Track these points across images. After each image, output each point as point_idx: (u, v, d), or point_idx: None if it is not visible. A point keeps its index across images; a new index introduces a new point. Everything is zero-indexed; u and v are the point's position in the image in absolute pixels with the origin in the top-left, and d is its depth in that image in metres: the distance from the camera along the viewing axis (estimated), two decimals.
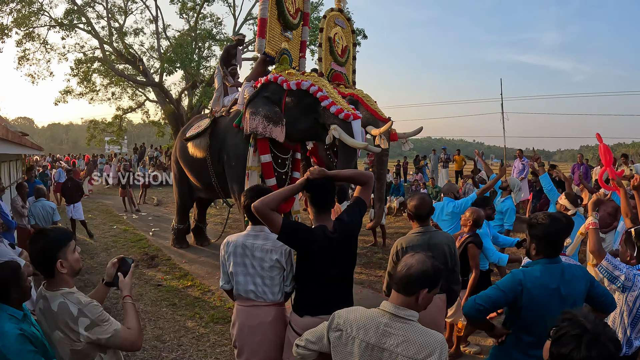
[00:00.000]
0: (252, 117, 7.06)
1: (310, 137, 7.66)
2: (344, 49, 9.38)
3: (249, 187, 3.73)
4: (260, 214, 2.88)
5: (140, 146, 28.82)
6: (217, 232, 11.57)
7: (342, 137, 6.57)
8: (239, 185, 7.76)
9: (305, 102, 6.99)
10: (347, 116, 6.63)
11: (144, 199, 17.93)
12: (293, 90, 7.08)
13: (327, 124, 6.77)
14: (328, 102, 6.76)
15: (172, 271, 8.32)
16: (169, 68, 23.13)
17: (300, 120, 7.09)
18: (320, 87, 6.96)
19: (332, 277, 3.00)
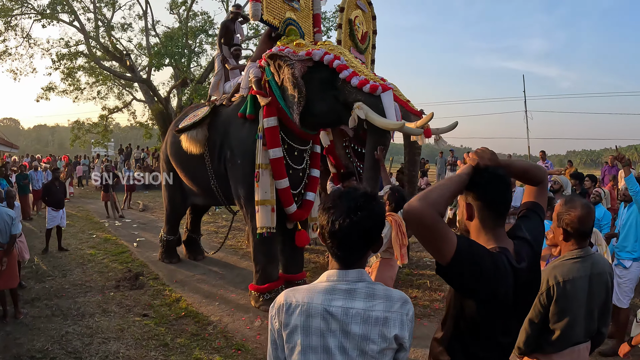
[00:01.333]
0: None
1: (331, 122, 6.23)
2: (364, 35, 7.99)
3: (390, 190, 3.62)
4: (424, 224, 1.67)
5: (126, 147, 27.26)
6: (212, 243, 10.10)
7: (369, 117, 5.25)
8: (246, 188, 6.31)
9: (320, 76, 5.68)
10: (374, 88, 5.31)
11: (128, 204, 16.27)
12: None
13: (349, 101, 5.46)
14: (348, 73, 5.44)
15: (161, 294, 6.82)
16: (157, 63, 21.63)
17: (317, 100, 5.75)
18: (336, 55, 5.60)
19: (508, 335, 1.95)
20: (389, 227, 4.57)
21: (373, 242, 1.70)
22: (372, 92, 5.31)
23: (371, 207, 1.66)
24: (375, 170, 5.61)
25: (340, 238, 1.66)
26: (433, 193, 1.72)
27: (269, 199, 6.01)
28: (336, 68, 5.51)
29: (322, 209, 1.73)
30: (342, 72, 5.47)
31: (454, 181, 1.85)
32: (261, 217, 5.99)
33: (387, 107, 5.31)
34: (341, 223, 1.63)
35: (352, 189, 1.74)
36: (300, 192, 6.56)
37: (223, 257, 8.99)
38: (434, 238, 1.70)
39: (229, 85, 7.58)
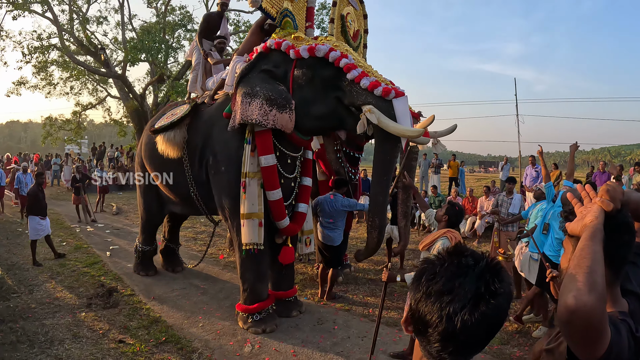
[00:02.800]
0: (247, 101, 5.15)
1: (330, 126, 5.63)
2: (356, 34, 7.45)
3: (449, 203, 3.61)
4: (591, 324, 1.25)
5: (99, 146, 26.28)
6: (191, 252, 9.51)
7: (382, 123, 4.68)
8: (231, 199, 5.73)
9: (323, 74, 5.11)
10: (387, 91, 4.75)
11: (101, 207, 15.50)
12: (304, 59, 5.17)
13: (356, 104, 4.91)
14: (357, 73, 4.86)
15: (138, 314, 6.22)
16: (133, 58, 20.82)
17: (317, 101, 5.22)
18: (344, 53, 5.04)
19: None
20: (449, 244, 4.19)
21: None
22: (384, 95, 4.75)
23: (503, 285, 1.13)
24: (385, 184, 5.08)
25: (461, 341, 1.12)
26: (597, 277, 1.25)
27: (257, 212, 5.46)
28: (343, 67, 4.93)
29: (420, 290, 1.17)
30: (350, 71, 4.88)
31: (596, 247, 1.36)
32: (247, 232, 5.44)
33: (401, 113, 4.77)
34: (466, 318, 1.09)
35: (464, 251, 1.20)
36: (292, 204, 6.02)
37: (203, 268, 8.41)
38: (593, 338, 1.29)
39: (211, 81, 6.95)
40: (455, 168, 18.29)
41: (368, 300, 6.83)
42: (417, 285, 1.19)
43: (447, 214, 4.47)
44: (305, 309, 6.37)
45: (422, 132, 4.73)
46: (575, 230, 1.51)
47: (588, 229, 1.41)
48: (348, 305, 6.60)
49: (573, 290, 1.23)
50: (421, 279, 1.19)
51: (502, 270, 1.16)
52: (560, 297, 1.27)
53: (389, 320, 5.99)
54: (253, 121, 5.12)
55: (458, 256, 1.18)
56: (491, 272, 1.14)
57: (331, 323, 5.96)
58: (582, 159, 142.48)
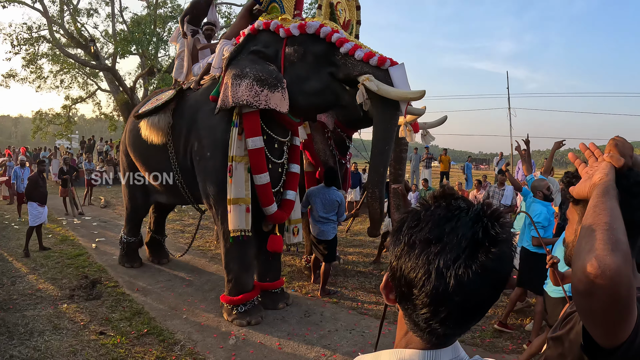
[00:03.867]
0: (237, 83, 5.00)
1: (326, 103, 5.43)
2: (347, 24, 7.27)
3: None
4: (618, 294, 0.97)
5: (89, 139, 25.91)
6: (178, 244, 9.36)
7: (381, 90, 4.59)
8: (216, 185, 5.56)
9: (315, 50, 5.05)
10: (383, 60, 4.71)
11: (89, 200, 15.29)
12: (295, 36, 5.10)
13: (352, 75, 4.82)
14: (350, 46, 4.82)
15: (120, 306, 6.07)
16: (123, 50, 20.57)
17: (310, 78, 5.12)
18: (334, 29, 5.00)
19: None
20: None
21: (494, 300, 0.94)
22: (380, 65, 4.69)
23: (505, 231, 0.89)
24: (386, 155, 4.96)
25: (456, 303, 0.87)
26: (619, 234, 1.01)
27: (244, 197, 5.30)
28: (336, 41, 4.89)
29: (401, 241, 0.94)
30: (343, 45, 4.85)
31: (612, 203, 1.13)
32: (234, 218, 5.28)
33: (399, 79, 4.69)
34: (460, 272, 0.84)
35: (454, 193, 0.97)
36: (280, 191, 5.86)
37: (190, 260, 8.26)
38: (620, 313, 1.01)
39: (197, 66, 6.77)
40: (447, 163, 18.25)
41: (357, 293, 6.69)
42: (397, 238, 0.95)
43: None
44: (292, 301, 6.24)
45: (423, 92, 4.66)
46: (582, 192, 1.28)
47: (599, 187, 1.18)
48: (336, 297, 6.47)
49: (592, 251, 0.99)
50: (402, 229, 0.95)
51: (502, 214, 0.92)
52: (575, 264, 1.04)
53: (387, 315, 5.86)
54: (244, 102, 4.98)
55: (446, 198, 0.96)
56: (489, 215, 0.90)
57: (319, 315, 5.83)
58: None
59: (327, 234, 6.44)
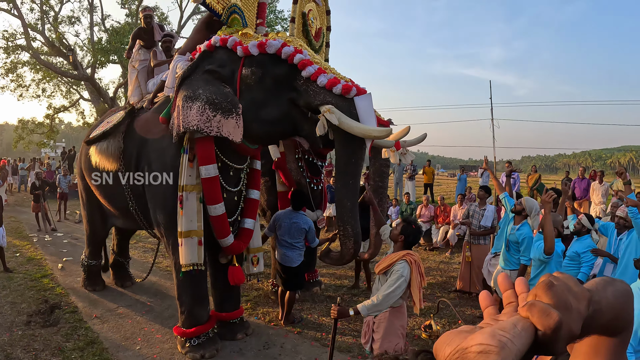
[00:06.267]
0: (187, 106, 4.61)
1: (283, 132, 5.11)
2: (318, 32, 7.00)
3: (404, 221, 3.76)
4: None
5: (69, 150, 25.48)
6: (147, 265, 9.09)
7: (343, 124, 4.25)
8: (166, 214, 5.29)
9: (275, 73, 4.63)
10: (348, 89, 4.33)
11: (64, 215, 14.97)
12: (253, 56, 4.67)
13: (313, 105, 4.46)
14: (313, 70, 4.43)
15: (76, 334, 5.84)
16: (103, 59, 20.31)
17: (268, 104, 4.72)
18: (298, 48, 4.60)
19: None
20: (408, 269, 3.89)
21: None
22: (344, 93, 4.31)
23: None
24: (351, 189, 4.60)
25: None
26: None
27: (196, 229, 5.00)
28: (298, 64, 4.49)
29: None
30: (305, 68, 4.42)
31: None
32: (186, 252, 4.97)
33: (364, 111, 4.34)
34: None
35: None
36: (237, 219, 5.59)
37: (155, 283, 8.02)
38: None
39: (152, 83, 6.50)
40: (430, 174, 18.06)
41: (323, 321, 6.44)
42: None
43: (404, 233, 4.06)
44: (252, 330, 5.99)
45: (389, 131, 4.36)
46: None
47: None
48: (300, 327, 6.23)
49: None
50: None
51: None
52: None
53: (341, 345, 5.64)
54: (194, 128, 4.57)
55: None
56: None
57: (278, 348, 5.59)
58: (563, 162, 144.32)
59: (292, 260, 6.18)
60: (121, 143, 5.80)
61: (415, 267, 3.90)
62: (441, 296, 7.77)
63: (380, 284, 4.09)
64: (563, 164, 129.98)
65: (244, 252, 5.78)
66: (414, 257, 3.95)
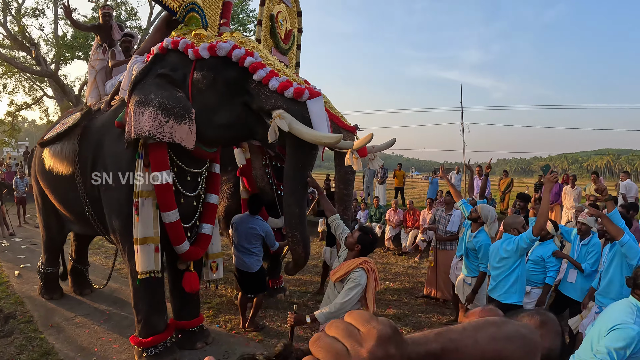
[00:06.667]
0: (140, 111, 4.46)
1: (238, 137, 5.08)
2: (288, 34, 6.87)
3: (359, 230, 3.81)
4: None
5: (31, 150, 24.80)
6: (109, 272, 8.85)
7: (293, 129, 4.19)
8: (121, 220, 5.09)
9: (227, 76, 4.54)
10: (299, 92, 4.27)
11: (23, 219, 14.41)
12: (204, 59, 4.56)
13: (265, 109, 4.39)
14: (265, 73, 4.35)
15: (30, 345, 5.61)
16: (66, 55, 19.76)
17: (221, 108, 4.62)
18: (249, 50, 4.49)
19: None
20: (365, 277, 3.86)
21: None
22: (296, 97, 4.26)
23: None
24: (300, 195, 4.60)
25: None
26: None
27: (152, 235, 4.82)
28: (249, 67, 4.39)
29: None
30: (256, 72, 4.34)
31: None
32: (142, 259, 4.79)
33: (316, 116, 4.30)
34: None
35: None
36: (195, 225, 5.42)
37: (115, 290, 7.77)
38: None
39: (110, 84, 6.27)
40: (401, 177, 18.01)
41: (285, 329, 6.30)
42: None
43: (360, 243, 3.99)
44: (213, 339, 5.83)
45: (339, 138, 4.24)
46: None
47: None
48: (262, 334, 6.09)
49: None
50: None
51: None
52: None
53: None
54: (147, 134, 4.42)
55: None
56: None
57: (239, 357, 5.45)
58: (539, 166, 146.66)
59: (249, 266, 6.05)
60: (77, 146, 5.56)
61: (372, 275, 3.91)
62: (408, 302, 7.73)
63: (335, 291, 4.03)
64: (539, 167, 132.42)
65: (202, 257, 5.62)
66: (370, 264, 3.94)
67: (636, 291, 3.14)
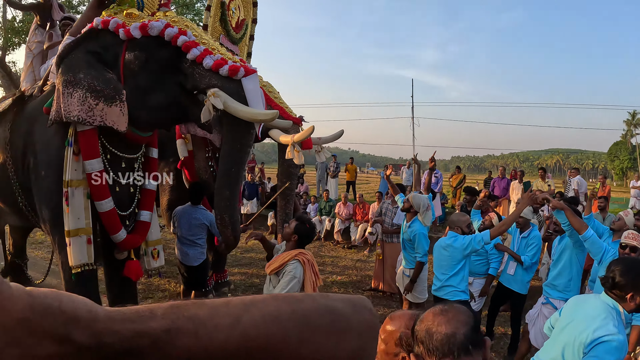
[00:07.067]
0: (68, 92, 4.22)
1: (173, 118, 4.85)
2: (241, 23, 6.65)
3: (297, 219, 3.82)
4: None
5: None
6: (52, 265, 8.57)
7: (228, 107, 4.07)
8: (51, 210, 4.80)
9: (160, 56, 4.35)
10: (235, 69, 4.13)
11: None
12: (136, 39, 4.34)
13: (200, 88, 4.26)
14: (198, 52, 4.19)
15: None
16: (14, 40, 18.95)
17: (154, 89, 4.44)
18: (182, 29, 4.32)
19: None
20: (301, 269, 3.72)
21: None
22: (231, 75, 4.10)
23: None
24: (234, 177, 4.45)
25: None
26: None
27: (84, 227, 4.58)
28: (182, 46, 4.22)
29: None
30: (190, 50, 4.17)
31: None
32: (74, 252, 4.54)
33: (252, 93, 4.19)
34: None
35: None
36: (133, 212, 5.16)
37: (56, 286, 7.47)
38: None
39: (43, 68, 5.96)
40: (353, 171, 18.12)
41: None
42: None
43: (297, 233, 3.89)
44: None
45: (276, 114, 4.17)
46: None
47: None
48: None
49: None
50: None
51: None
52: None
53: None
54: (76, 119, 4.20)
55: None
56: None
57: None
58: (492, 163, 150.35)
59: (192, 258, 5.93)
60: (8, 133, 5.27)
61: (309, 267, 3.77)
62: (355, 295, 7.74)
63: (271, 285, 3.90)
64: (492, 165, 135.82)
65: (142, 246, 5.41)
66: (307, 256, 3.82)
67: (614, 291, 2.81)
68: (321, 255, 10.76)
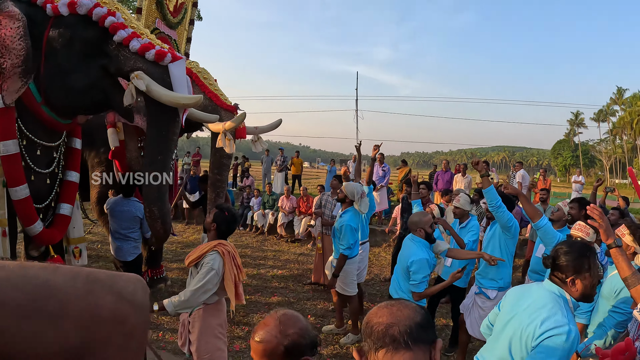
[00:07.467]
0: None
1: (93, 103, 4.50)
2: (179, 7, 6.42)
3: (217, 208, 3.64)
4: None
5: None
6: None
7: (151, 90, 3.90)
8: None
9: (85, 36, 4.09)
10: (162, 54, 3.98)
11: None
12: (63, 16, 4.08)
13: (124, 71, 4.05)
14: (126, 34, 4.00)
15: None
16: None
17: (76, 70, 4.17)
18: (112, 11, 4.10)
19: None
20: (220, 261, 3.51)
21: None
22: (157, 60, 3.95)
23: None
24: (160, 166, 4.23)
25: None
26: None
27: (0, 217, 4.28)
28: (109, 27, 3.99)
29: None
30: (117, 32, 3.97)
31: None
32: None
33: (178, 79, 4.04)
34: None
35: None
36: (50, 205, 4.84)
37: None
38: None
39: None
40: (299, 165, 18.03)
41: (161, 321, 6.00)
42: None
43: (216, 221, 3.71)
44: None
45: (199, 99, 4.02)
46: None
47: None
48: None
49: None
50: None
51: None
52: None
53: (168, 347, 5.27)
54: None
55: None
56: None
57: None
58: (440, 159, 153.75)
59: (125, 253, 5.70)
60: None
61: (229, 259, 3.58)
62: (294, 289, 7.63)
63: (191, 277, 3.71)
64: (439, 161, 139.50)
65: (63, 243, 5.14)
66: (227, 247, 3.64)
67: (556, 273, 2.59)
68: (263, 249, 10.61)
